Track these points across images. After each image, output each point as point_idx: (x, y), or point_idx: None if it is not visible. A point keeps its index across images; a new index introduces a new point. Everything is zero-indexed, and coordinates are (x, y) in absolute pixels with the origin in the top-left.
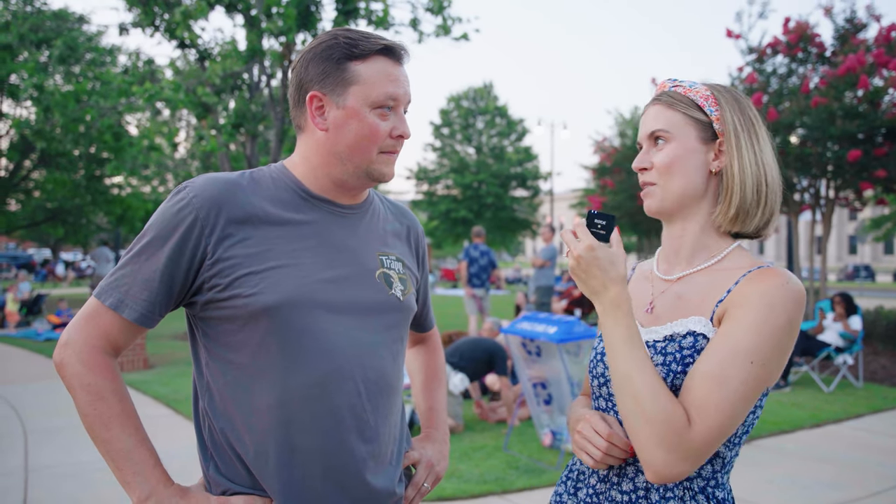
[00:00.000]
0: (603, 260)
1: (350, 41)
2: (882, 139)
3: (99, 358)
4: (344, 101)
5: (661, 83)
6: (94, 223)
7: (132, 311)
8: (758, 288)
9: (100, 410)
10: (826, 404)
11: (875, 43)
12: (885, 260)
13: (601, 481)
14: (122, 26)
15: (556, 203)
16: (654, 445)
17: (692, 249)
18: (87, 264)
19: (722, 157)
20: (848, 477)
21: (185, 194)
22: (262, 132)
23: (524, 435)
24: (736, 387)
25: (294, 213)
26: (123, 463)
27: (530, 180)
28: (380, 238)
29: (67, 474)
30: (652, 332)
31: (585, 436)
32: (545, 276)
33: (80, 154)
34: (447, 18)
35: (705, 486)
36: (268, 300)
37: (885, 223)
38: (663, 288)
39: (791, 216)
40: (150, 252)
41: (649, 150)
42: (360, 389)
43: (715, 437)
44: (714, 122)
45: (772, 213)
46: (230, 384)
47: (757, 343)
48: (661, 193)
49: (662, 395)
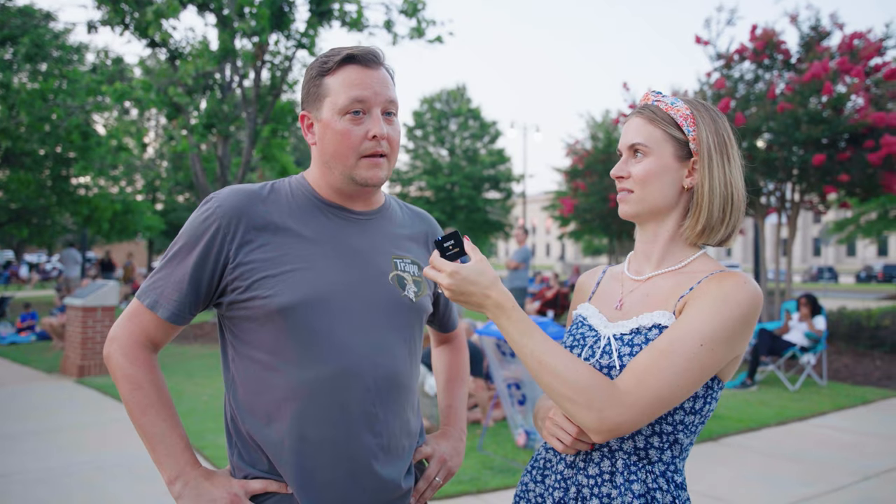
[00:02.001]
0: (470, 276)
1: (323, 59)
2: (845, 144)
3: (139, 352)
4: (320, 114)
5: (646, 94)
6: (60, 224)
7: (165, 310)
8: (717, 285)
9: (138, 398)
10: (791, 402)
11: (839, 50)
12: (847, 262)
13: (568, 467)
14: (90, 24)
15: (528, 205)
16: (585, 409)
17: (661, 254)
18: (53, 266)
19: (695, 175)
20: (813, 472)
21: (210, 205)
22: (234, 133)
23: (499, 435)
24: (680, 362)
25: (310, 219)
26: (157, 445)
27: (503, 182)
28: (395, 242)
29: (37, 480)
30: (619, 325)
31: (557, 422)
32: (518, 278)
33: (46, 153)
34: (421, 21)
35: (665, 471)
36: (283, 301)
37: (848, 226)
38: (632, 287)
39: (758, 219)
40: (181, 257)
41: (628, 160)
42: (369, 386)
43: (652, 401)
44: (690, 142)
45: (734, 227)
46: (251, 378)
47: (708, 329)
48: (636, 202)
49: (580, 366)
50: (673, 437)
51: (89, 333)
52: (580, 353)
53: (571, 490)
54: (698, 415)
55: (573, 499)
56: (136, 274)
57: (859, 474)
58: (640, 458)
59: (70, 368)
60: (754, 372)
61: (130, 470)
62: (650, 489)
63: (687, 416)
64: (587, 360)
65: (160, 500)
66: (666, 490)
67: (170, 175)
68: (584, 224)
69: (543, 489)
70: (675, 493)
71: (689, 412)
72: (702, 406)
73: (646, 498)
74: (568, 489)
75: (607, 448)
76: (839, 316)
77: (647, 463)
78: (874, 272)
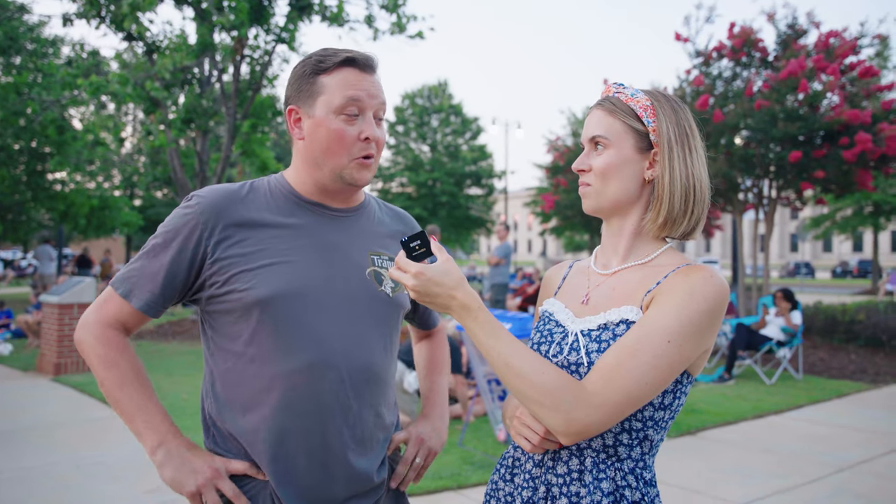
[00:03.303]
0: (435, 277)
1: (319, 58)
2: (821, 141)
3: (110, 333)
4: (313, 111)
5: (608, 86)
6: (36, 220)
7: (139, 300)
8: (684, 279)
9: (113, 375)
10: (768, 396)
11: (815, 48)
12: (824, 257)
13: (537, 466)
14: (65, 17)
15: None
16: (553, 412)
17: (627, 248)
18: (29, 263)
19: (655, 167)
20: (789, 465)
21: (192, 203)
22: (214, 128)
23: (479, 431)
24: (647, 360)
25: (287, 216)
26: (135, 416)
27: (485, 179)
28: (373, 239)
29: (12, 479)
30: (587, 321)
31: (524, 421)
32: (500, 274)
33: (20, 148)
34: (402, 16)
35: (634, 468)
36: (259, 294)
37: (824, 222)
38: (599, 282)
39: (735, 215)
40: (157, 251)
41: (589, 153)
42: (344, 378)
43: (620, 401)
44: (651, 133)
45: (698, 220)
46: (229, 371)
47: (675, 325)
48: (596, 196)
49: (547, 367)
50: (643, 434)
51: (66, 331)
52: (548, 350)
53: (541, 489)
54: (668, 410)
55: (542, 498)
56: (114, 270)
57: (834, 466)
58: (609, 456)
59: (46, 366)
60: (732, 366)
61: (109, 469)
62: (619, 486)
63: (656, 411)
64: (555, 357)
65: (139, 499)
66: (635, 487)
67: (147, 171)
68: (565, 220)
69: (513, 488)
70: (644, 489)
71: (658, 408)
72: (671, 401)
73: (615, 496)
74: (537, 488)
75: (576, 446)
76: (815, 311)
77: (617, 460)
78: (850, 268)
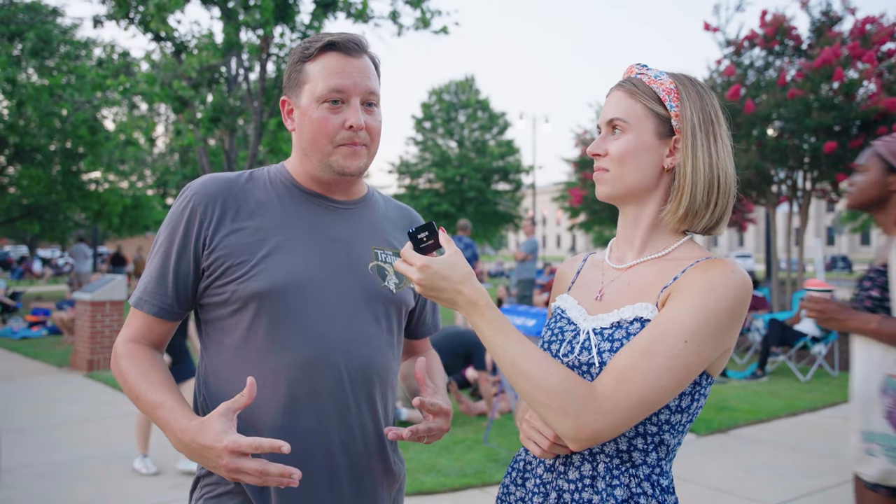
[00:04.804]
0: (441, 271)
1: (305, 44)
2: (857, 131)
3: (130, 347)
4: (299, 100)
5: (630, 67)
6: (72, 219)
7: (150, 305)
8: (703, 274)
9: (129, 385)
10: (802, 393)
11: (850, 36)
12: (861, 251)
13: (548, 471)
14: (96, 19)
15: (538, 196)
16: (561, 416)
17: (644, 241)
18: (66, 261)
19: (676, 155)
20: (823, 464)
21: (187, 193)
22: (241, 126)
23: (504, 428)
24: (662, 361)
25: (287, 206)
26: (158, 411)
27: (512, 174)
28: (377, 233)
29: (41, 474)
30: (599, 319)
31: (533, 425)
32: (527, 270)
33: (55, 149)
34: (426, 11)
35: (650, 474)
36: (258, 286)
37: (862, 214)
38: (613, 276)
39: (769, 208)
40: (162, 250)
41: (606, 136)
42: (342, 375)
43: (632, 406)
44: (673, 119)
45: (721, 214)
46: (223, 366)
47: (693, 324)
48: (612, 182)
49: (555, 369)
50: (658, 438)
51: (98, 328)
52: (558, 349)
53: (552, 495)
54: (685, 413)
55: None
56: None
57: None
58: (623, 461)
59: (80, 363)
60: (765, 363)
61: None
62: (634, 494)
63: (673, 414)
64: (566, 356)
65: (166, 494)
66: (651, 495)
67: (178, 169)
68: (593, 215)
69: (524, 493)
70: (660, 497)
71: (675, 411)
72: (689, 404)
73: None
74: (548, 494)
75: (588, 451)
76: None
77: (631, 466)
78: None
